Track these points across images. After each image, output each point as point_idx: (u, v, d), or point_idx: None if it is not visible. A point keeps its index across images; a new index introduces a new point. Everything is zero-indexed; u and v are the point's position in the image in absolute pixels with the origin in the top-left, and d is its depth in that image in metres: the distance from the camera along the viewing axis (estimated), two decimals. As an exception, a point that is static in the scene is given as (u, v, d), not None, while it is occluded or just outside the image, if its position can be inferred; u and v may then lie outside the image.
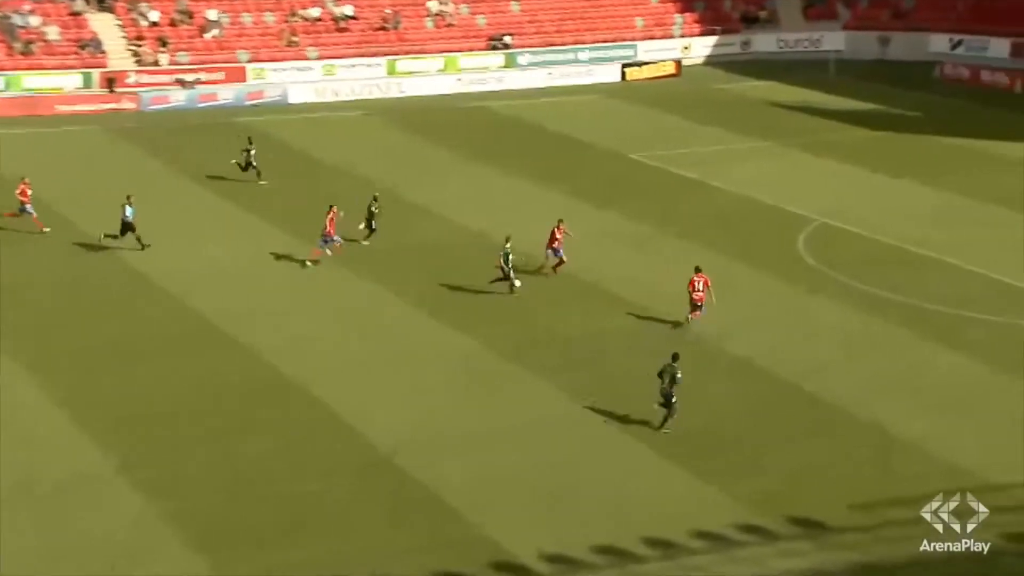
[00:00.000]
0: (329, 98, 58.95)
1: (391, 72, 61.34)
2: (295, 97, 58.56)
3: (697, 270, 31.03)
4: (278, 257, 36.47)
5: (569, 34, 65.94)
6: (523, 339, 30.40)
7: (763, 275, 34.35)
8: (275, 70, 59.91)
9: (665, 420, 25.48)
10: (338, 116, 55.73)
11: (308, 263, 35.18)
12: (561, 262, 34.08)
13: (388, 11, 64.18)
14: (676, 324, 31.07)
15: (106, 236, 36.18)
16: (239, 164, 43.73)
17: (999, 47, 63.42)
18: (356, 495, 23.38)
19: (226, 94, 57.80)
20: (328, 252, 35.26)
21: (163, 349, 29.90)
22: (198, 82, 58.02)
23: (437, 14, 65.02)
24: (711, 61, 66.79)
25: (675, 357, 25.63)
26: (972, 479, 23.41)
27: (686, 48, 66.76)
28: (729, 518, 22.42)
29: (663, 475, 24.05)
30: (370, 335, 30.77)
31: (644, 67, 63.97)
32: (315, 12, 63.34)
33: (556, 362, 29.12)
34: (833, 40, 66.54)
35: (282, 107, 57.35)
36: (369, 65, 61.28)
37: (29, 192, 37.62)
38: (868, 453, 24.72)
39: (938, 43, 65.39)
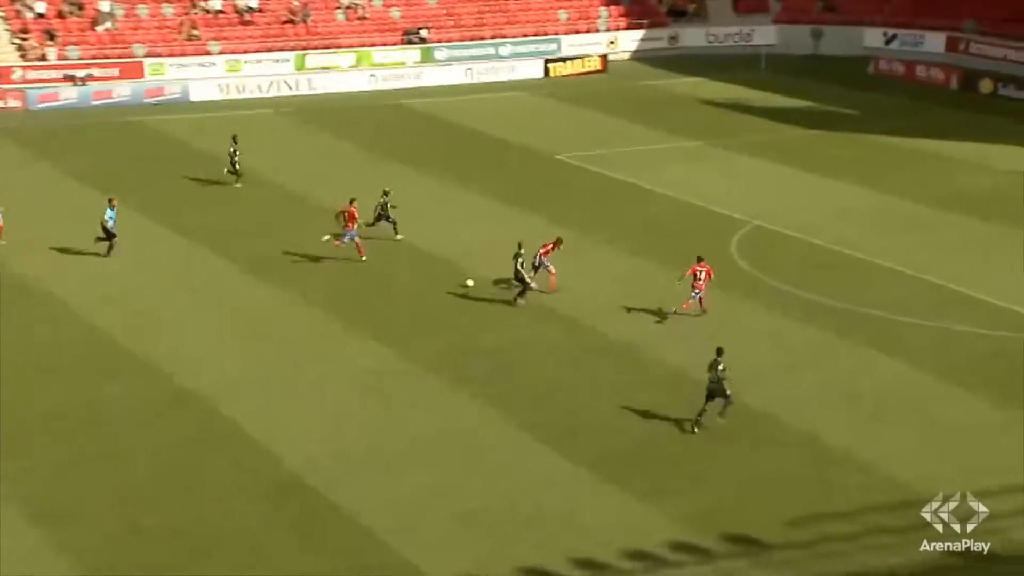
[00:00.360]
0: (234, 95, 58.56)
1: (300, 68, 61.10)
2: (197, 95, 58.04)
3: (699, 259, 32.17)
4: (178, 265, 36.10)
5: (489, 28, 66.25)
6: (442, 349, 30.44)
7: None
8: (175, 66, 59.35)
9: (725, 408, 26.31)
10: (244, 115, 55.29)
11: (326, 238, 35.81)
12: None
13: (296, 3, 63.89)
14: (662, 317, 32.23)
15: (98, 240, 36.06)
16: (230, 170, 43.19)
17: (934, 41, 64.94)
18: (265, 518, 23.21)
19: (122, 91, 57.11)
20: (343, 244, 35.82)
21: (54, 364, 29.43)
22: (90, 78, 57.21)
23: (349, 6, 64.87)
24: (638, 56, 67.52)
25: (719, 352, 26.34)
26: (911, 492, 23.92)
27: (612, 43, 67.41)
28: (662, 536, 22.63)
29: (592, 491, 24.22)
30: (280, 347, 30.58)
31: (568, 62, 64.49)
32: (217, 4, 62.82)
33: (477, 373, 29.20)
34: (764, 34, 67.66)
35: (183, 105, 56.79)
36: (276, 60, 60.99)
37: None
38: (805, 466, 25.13)
39: (872, 37, 66.82)
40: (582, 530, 22.87)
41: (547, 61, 64.45)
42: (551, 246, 33.90)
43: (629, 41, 67.97)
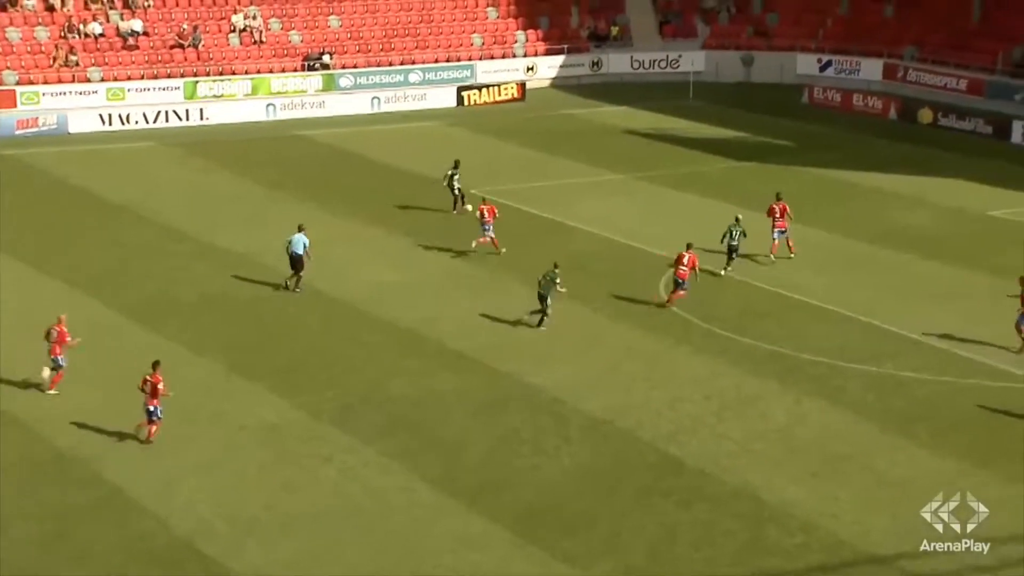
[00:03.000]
0: (116, 127, 58.05)
1: (190, 96, 60.77)
2: (76, 126, 57.47)
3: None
4: (53, 312, 35.53)
5: (397, 53, 66.52)
6: (345, 401, 30.36)
7: (622, 325, 35.04)
8: (51, 94, 58.69)
9: None
10: (128, 148, 54.88)
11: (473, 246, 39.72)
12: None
13: (185, 26, 63.62)
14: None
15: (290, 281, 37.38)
16: (457, 198, 44.74)
17: (871, 69, 66.46)
18: (154, 592, 22.89)
19: (-9, 122, 56.34)
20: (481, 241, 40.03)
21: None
22: (-44, 108, 56.45)
23: (243, 30, 64.76)
24: (558, 83, 68.20)
25: None
26: (854, 551, 24.26)
27: (530, 69, 68.01)
28: (588, 602, 22.69)
29: (511, 554, 24.21)
30: (168, 401, 30.18)
31: (484, 90, 64.92)
32: (97, 27, 62.34)
33: (384, 425, 29.15)
34: (692, 60, 68.70)
35: (60, 137, 56.18)
36: (164, 88, 60.61)
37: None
38: (739, 524, 25.35)
39: (806, 64, 68.19)
40: (501, 596, 22.86)
41: (460, 89, 64.81)
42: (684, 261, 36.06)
43: (548, 67, 68.64)
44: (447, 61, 66.77)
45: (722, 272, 38.53)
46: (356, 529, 24.95)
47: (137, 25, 63.00)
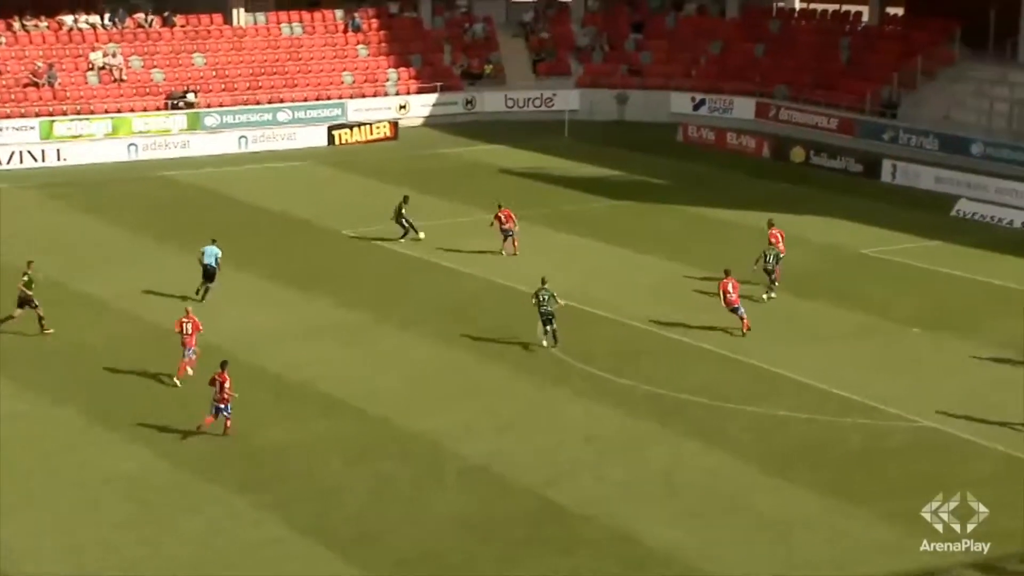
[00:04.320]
0: (-32, 167, 56.65)
1: (47, 136, 59.60)
2: (-76, 167, 55.93)
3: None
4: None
5: (265, 91, 65.98)
6: (211, 449, 29.69)
7: (499, 367, 34.90)
8: None
9: None
10: (-20, 189, 53.46)
11: None
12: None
13: (40, 64, 62.34)
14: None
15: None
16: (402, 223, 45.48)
17: (744, 107, 67.69)
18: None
19: None
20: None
21: None
22: None
23: (102, 68, 63.67)
24: (431, 122, 68.27)
25: None
26: (737, 591, 24.36)
27: (403, 108, 67.99)
28: (467, 655, 22.38)
29: (389, 608, 23.84)
30: (19, 454, 29.24)
31: (355, 129, 64.70)
32: (-54, 65, 60.89)
33: (253, 476, 28.55)
34: (567, 99, 69.27)
35: (-93, 178, 54.54)
36: (18, 128, 59.39)
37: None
38: (621, 569, 25.26)
39: (680, 102, 69.22)
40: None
41: (331, 128, 64.49)
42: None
43: (421, 106, 68.67)
44: (317, 100, 66.40)
45: (764, 297, 40.18)
46: (224, 585, 24.35)
47: (-12, 62, 61.65)
